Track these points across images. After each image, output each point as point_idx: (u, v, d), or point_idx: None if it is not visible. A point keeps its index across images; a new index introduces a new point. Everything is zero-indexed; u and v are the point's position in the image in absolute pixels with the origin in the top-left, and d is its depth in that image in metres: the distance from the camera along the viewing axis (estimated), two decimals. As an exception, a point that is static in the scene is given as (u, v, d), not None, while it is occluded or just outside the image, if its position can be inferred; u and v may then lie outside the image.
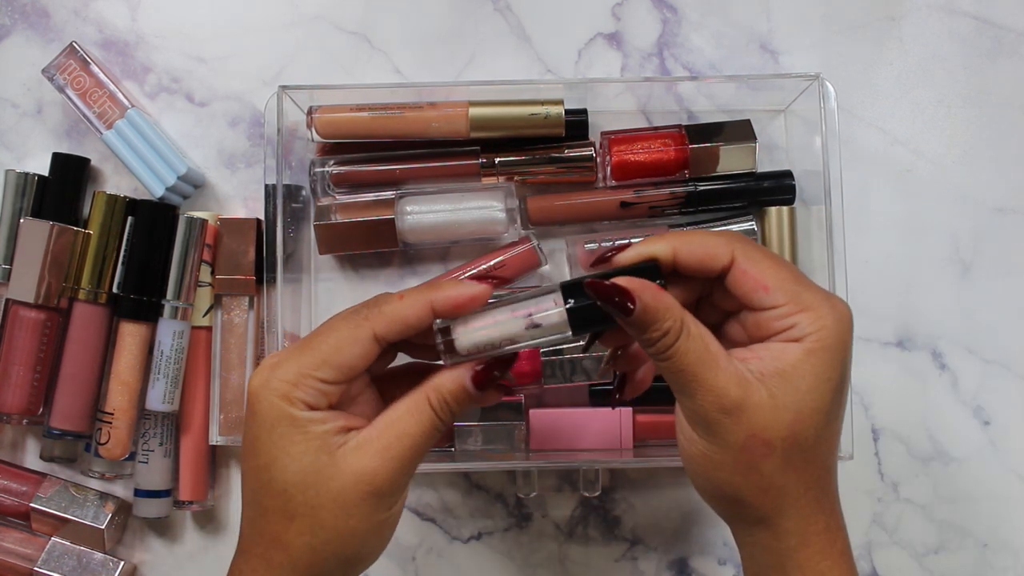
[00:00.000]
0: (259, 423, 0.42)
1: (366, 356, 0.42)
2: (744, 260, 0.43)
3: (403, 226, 0.61)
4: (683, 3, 0.66)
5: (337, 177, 0.62)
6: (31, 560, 0.62)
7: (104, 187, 0.66)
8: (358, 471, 0.41)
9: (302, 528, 0.42)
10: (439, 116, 0.60)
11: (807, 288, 0.43)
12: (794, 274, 0.43)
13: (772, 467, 0.42)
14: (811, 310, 0.42)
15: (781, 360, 0.42)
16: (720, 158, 0.61)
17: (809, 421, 0.42)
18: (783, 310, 0.42)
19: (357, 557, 0.43)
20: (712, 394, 0.41)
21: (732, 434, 0.41)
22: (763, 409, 0.41)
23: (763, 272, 0.42)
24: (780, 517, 0.43)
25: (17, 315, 0.61)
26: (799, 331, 0.42)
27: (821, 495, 0.43)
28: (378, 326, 0.42)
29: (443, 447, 0.62)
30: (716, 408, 0.41)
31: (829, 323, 0.42)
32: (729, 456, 0.42)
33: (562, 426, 0.62)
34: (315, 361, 0.42)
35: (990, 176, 0.66)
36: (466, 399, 0.43)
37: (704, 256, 0.43)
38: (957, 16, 0.66)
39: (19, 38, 0.67)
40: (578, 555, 0.65)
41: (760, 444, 0.41)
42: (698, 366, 0.41)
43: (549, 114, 0.60)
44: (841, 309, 0.43)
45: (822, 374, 0.42)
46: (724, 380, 0.41)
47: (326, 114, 0.61)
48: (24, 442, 0.66)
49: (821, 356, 0.42)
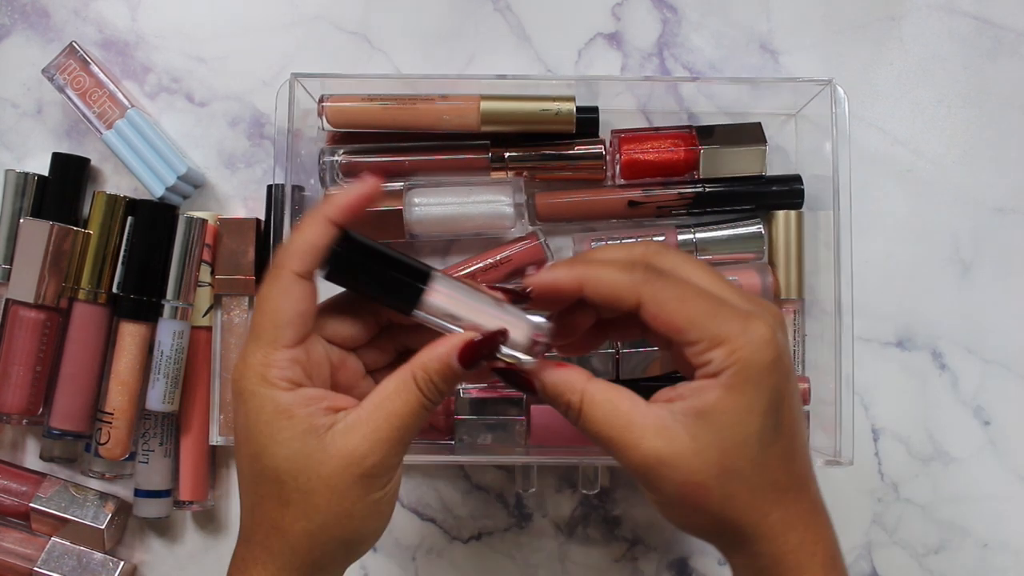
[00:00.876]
0: (246, 412, 0.42)
1: (304, 298, 0.42)
2: (651, 303, 0.42)
3: (411, 217, 0.61)
4: (683, 3, 0.66)
5: (346, 167, 0.62)
6: (31, 560, 0.62)
7: (104, 187, 0.66)
8: (347, 454, 0.41)
9: (297, 514, 0.42)
10: (450, 109, 0.61)
11: (723, 318, 0.41)
12: (705, 306, 0.41)
13: (716, 506, 0.42)
14: (726, 343, 0.41)
15: (700, 399, 0.41)
16: (729, 160, 0.61)
17: (738, 454, 0.41)
18: (698, 347, 0.41)
19: (356, 539, 0.43)
20: (631, 453, 0.41)
21: (665, 484, 0.41)
22: (686, 454, 0.41)
23: (671, 313, 0.41)
24: (748, 543, 0.43)
25: (17, 315, 0.60)
26: (714, 367, 0.41)
27: (785, 515, 0.42)
28: (292, 263, 0.42)
29: (444, 440, 0.62)
30: (639, 465, 0.41)
31: (746, 353, 0.40)
32: (674, 506, 0.43)
33: (562, 422, 0.61)
34: (268, 333, 0.42)
35: (990, 176, 0.66)
36: (452, 376, 0.43)
37: (609, 296, 0.42)
38: (957, 16, 0.66)
39: (19, 38, 0.67)
40: (578, 555, 0.65)
41: (694, 488, 0.41)
42: (610, 430, 0.42)
43: (560, 110, 0.60)
44: (761, 332, 0.41)
45: (744, 406, 0.41)
46: (641, 439, 0.41)
47: (337, 103, 0.61)
48: (24, 442, 0.66)
49: (741, 389, 0.41)
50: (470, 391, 0.62)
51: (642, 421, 0.41)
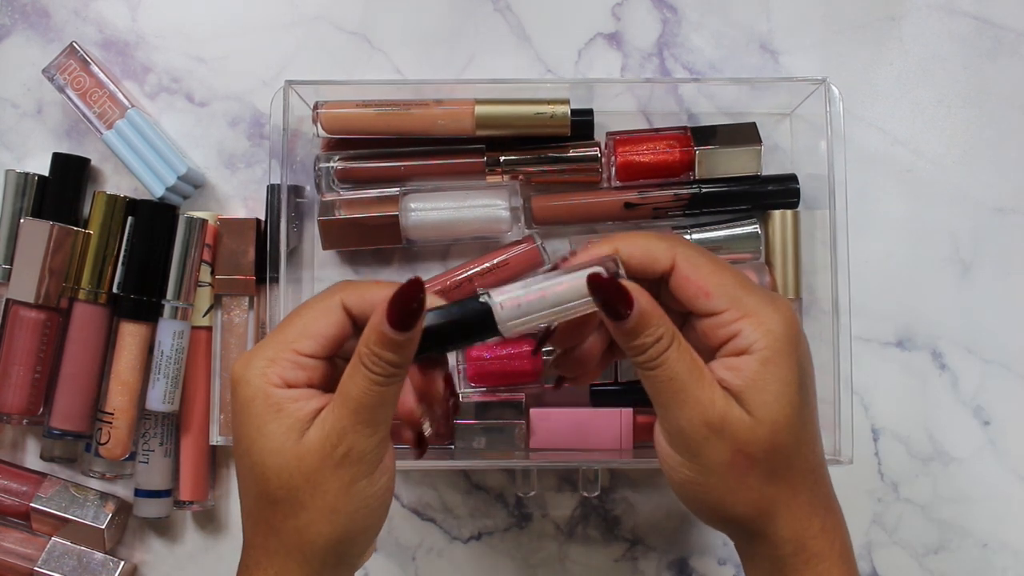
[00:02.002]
0: (239, 404, 0.42)
1: (339, 324, 0.43)
2: (685, 265, 0.43)
3: (407, 223, 0.61)
4: (683, 3, 0.66)
5: (342, 173, 0.62)
6: (31, 560, 0.62)
7: (104, 187, 0.66)
8: (320, 446, 0.41)
9: (286, 511, 0.42)
10: (445, 113, 0.61)
11: (749, 293, 0.42)
12: (736, 279, 0.43)
13: (758, 481, 0.42)
14: (753, 315, 0.42)
15: (741, 375, 0.42)
16: (725, 160, 0.61)
17: (785, 430, 0.42)
18: (726, 316, 0.42)
19: (347, 536, 0.43)
20: (700, 407, 0.41)
21: (718, 452, 0.42)
22: (743, 424, 0.41)
23: (704, 277, 0.42)
24: (774, 527, 0.43)
25: (17, 315, 0.61)
26: (744, 340, 0.42)
27: (812, 497, 0.43)
28: (346, 295, 0.43)
29: (443, 445, 0.62)
30: (703, 423, 0.41)
31: (774, 327, 0.42)
32: (716, 477, 0.42)
33: (562, 426, 0.62)
34: (291, 335, 0.42)
35: (990, 176, 0.66)
36: (390, 342, 0.40)
37: (644, 259, 0.43)
38: (957, 16, 0.66)
39: (19, 38, 0.67)
40: (578, 555, 0.65)
41: (744, 460, 0.41)
42: (688, 376, 0.41)
43: (555, 113, 0.60)
44: (784, 310, 0.42)
45: (783, 379, 0.42)
46: (711, 393, 0.41)
47: (332, 109, 0.61)
48: (24, 442, 0.66)
49: (777, 363, 0.42)
50: (470, 396, 0.62)
51: (711, 380, 0.42)
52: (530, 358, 0.60)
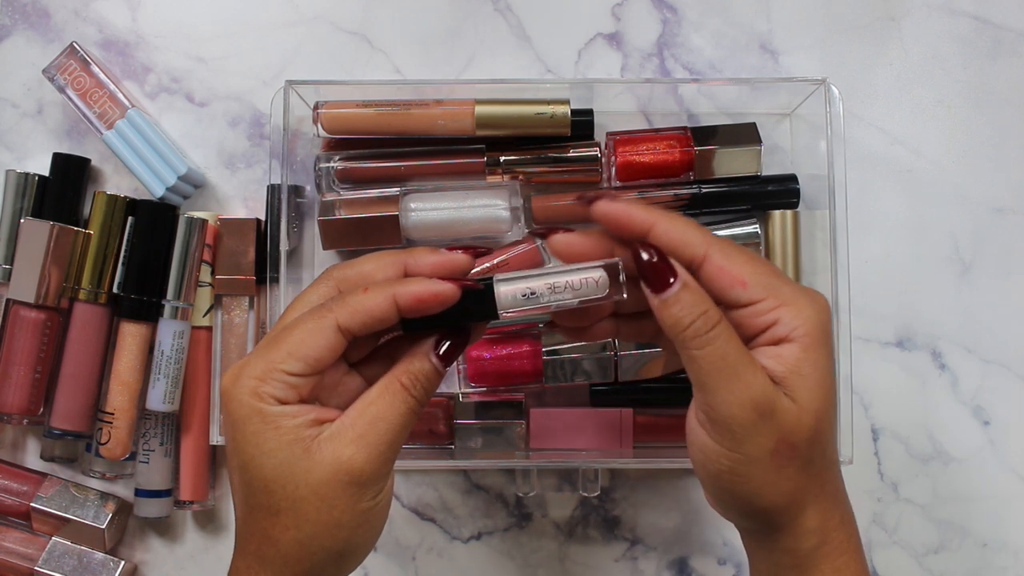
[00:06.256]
0: (233, 422, 0.42)
1: (332, 347, 0.42)
2: (719, 256, 0.42)
3: (407, 223, 0.61)
4: (683, 3, 0.66)
5: (342, 173, 0.62)
6: (32, 560, 0.62)
7: (104, 187, 0.66)
8: (334, 461, 0.41)
9: (287, 523, 0.42)
10: (445, 113, 0.61)
11: (784, 282, 0.42)
12: (770, 269, 0.43)
13: (797, 470, 0.42)
14: (791, 304, 0.41)
15: (784, 362, 0.41)
16: (724, 161, 0.61)
17: (826, 419, 0.42)
18: (763, 305, 0.41)
19: (347, 549, 0.43)
20: (751, 389, 0.40)
21: (764, 438, 0.41)
22: (790, 412, 0.41)
23: (739, 267, 0.42)
24: (802, 518, 0.43)
25: (17, 315, 0.61)
26: (784, 327, 0.41)
27: (835, 489, 0.44)
28: (342, 317, 0.42)
29: (443, 445, 0.62)
30: (751, 407, 0.40)
31: (811, 314, 0.41)
32: (757, 465, 0.41)
33: (562, 425, 0.62)
34: (281, 355, 0.41)
35: (990, 176, 0.66)
36: (436, 377, 0.43)
37: (679, 242, 0.42)
38: (957, 16, 0.66)
39: (19, 38, 0.67)
40: (578, 555, 0.65)
41: (788, 448, 0.41)
42: (738, 355, 0.41)
43: (555, 114, 0.60)
44: (819, 300, 0.42)
45: (822, 367, 0.42)
46: (762, 376, 0.41)
47: (332, 109, 0.61)
48: (24, 442, 0.66)
49: (816, 350, 0.41)
50: (470, 396, 0.62)
51: (759, 366, 0.41)
52: (530, 358, 0.60)
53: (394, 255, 0.45)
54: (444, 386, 0.62)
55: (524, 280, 0.43)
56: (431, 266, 0.44)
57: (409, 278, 0.43)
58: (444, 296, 0.42)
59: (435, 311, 0.42)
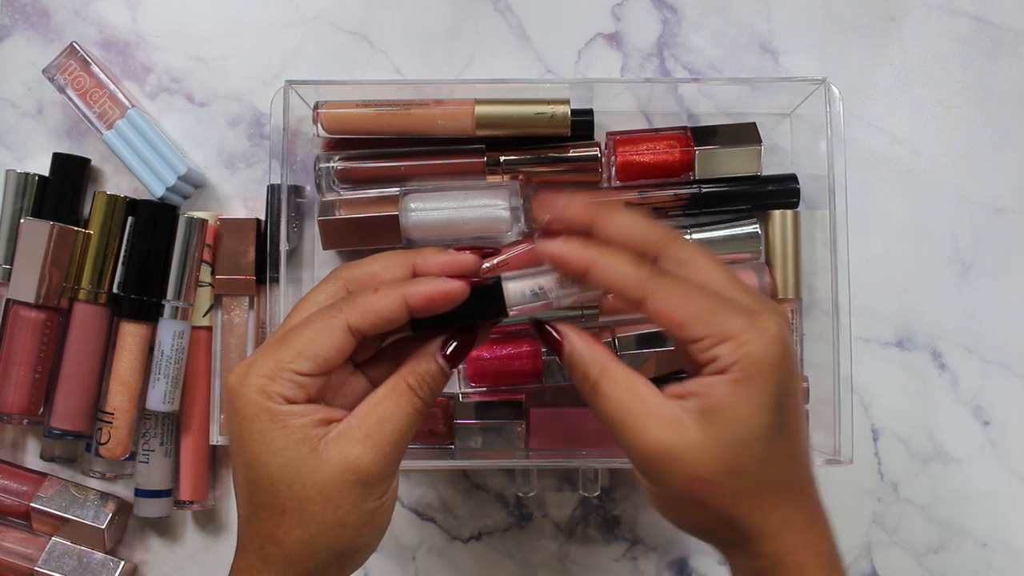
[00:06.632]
0: (239, 420, 0.42)
1: (341, 348, 0.42)
2: (656, 299, 0.41)
3: (407, 223, 0.61)
4: (683, 3, 0.66)
5: (342, 173, 0.62)
6: (31, 560, 0.62)
7: (104, 187, 0.66)
8: (341, 460, 0.41)
9: (292, 522, 0.42)
10: (445, 113, 0.61)
11: (728, 314, 0.41)
12: (711, 303, 0.41)
13: (720, 502, 0.41)
14: (732, 338, 0.40)
15: (709, 395, 0.41)
16: (724, 161, 0.61)
17: (745, 451, 0.41)
18: (703, 343, 0.41)
19: (351, 549, 0.43)
20: (640, 440, 0.41)
21: (670, 478, 0.41)
22: (696, 449, 0.41)
23: (675, 308, 0.41)
24: (748, 543, 0.42)
25: (17, 315, 0.61)
26: (723, 362, 0.41)
27: (790, 513, 0.42)
28: (352, 317, 0.42)
29: (443, 445, 0.62)
30: (645, 455, 0.41)
31: (753, 348, 0.40)
32: (676, 500, 0.42)
33: (562, 425, 0.62)
34: (290, 354, 0.42)
35: (990, 176, 0.66)
36: (442, 378, 0.44)
37: (615, 286, 0.42)
38: (957, 16, 0.66)
39: (19, 38, 0.67)
40: (578, 555, 0.65)
41: (699, 483, 0.41)
42: (622, 414, 0.42)
43: (555, 114, 0.60)
44: (768, 328, 0.41)
45: (753, 402, 0.40)
46: (652, 427, 0.41)
47: (332, 109, 0.61)
48: (24, 442, 0.66)
49: (750, 384, 0.40)
50: (470, 396, 0.62)
51: (655, 410, 0.41)
52: (530, 358, 0.60)
53: (402, 255, 0.45)
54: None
55: (531, 277, 0.44)
56: (440, 266, 0.44)
57: (418, 278, 0.44)
58: (454, 294, 0.42)
59: (445, 310, 0.43)
